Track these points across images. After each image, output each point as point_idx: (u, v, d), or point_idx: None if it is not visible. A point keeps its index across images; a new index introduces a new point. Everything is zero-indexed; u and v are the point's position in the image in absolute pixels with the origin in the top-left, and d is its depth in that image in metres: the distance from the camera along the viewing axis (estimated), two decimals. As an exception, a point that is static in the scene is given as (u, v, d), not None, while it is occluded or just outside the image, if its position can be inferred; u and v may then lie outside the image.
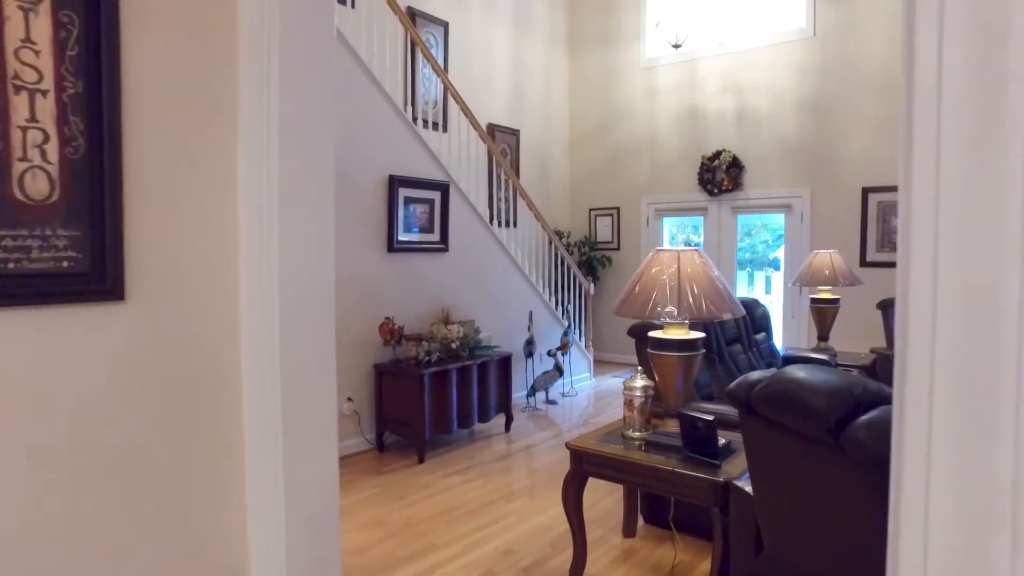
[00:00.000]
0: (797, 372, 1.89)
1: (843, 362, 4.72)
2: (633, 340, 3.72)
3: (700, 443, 2.51)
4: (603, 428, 3.08)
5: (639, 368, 2.94)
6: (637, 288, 2.66)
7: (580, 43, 8.69)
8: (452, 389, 4.65)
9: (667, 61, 7.85)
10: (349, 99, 4.47)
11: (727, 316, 2.56)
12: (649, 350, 2.75)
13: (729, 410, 3.10)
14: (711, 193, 7.49)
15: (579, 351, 6.98)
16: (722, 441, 2.54)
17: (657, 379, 2.78)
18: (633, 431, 2.85)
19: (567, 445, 2.83)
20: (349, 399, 4.58)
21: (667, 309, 2.52)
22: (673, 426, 2.75)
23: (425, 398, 4.42)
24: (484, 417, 5.00)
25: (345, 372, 4.54)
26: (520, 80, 7.96)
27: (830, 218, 6.73)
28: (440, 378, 4.55)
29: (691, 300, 2.53)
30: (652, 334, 2.74)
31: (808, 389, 1.80)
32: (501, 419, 5.32)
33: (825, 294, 5.07)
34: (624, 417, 2.95)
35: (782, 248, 7.42)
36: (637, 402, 2.86)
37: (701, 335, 2.69)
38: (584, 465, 2.77)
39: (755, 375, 2.11)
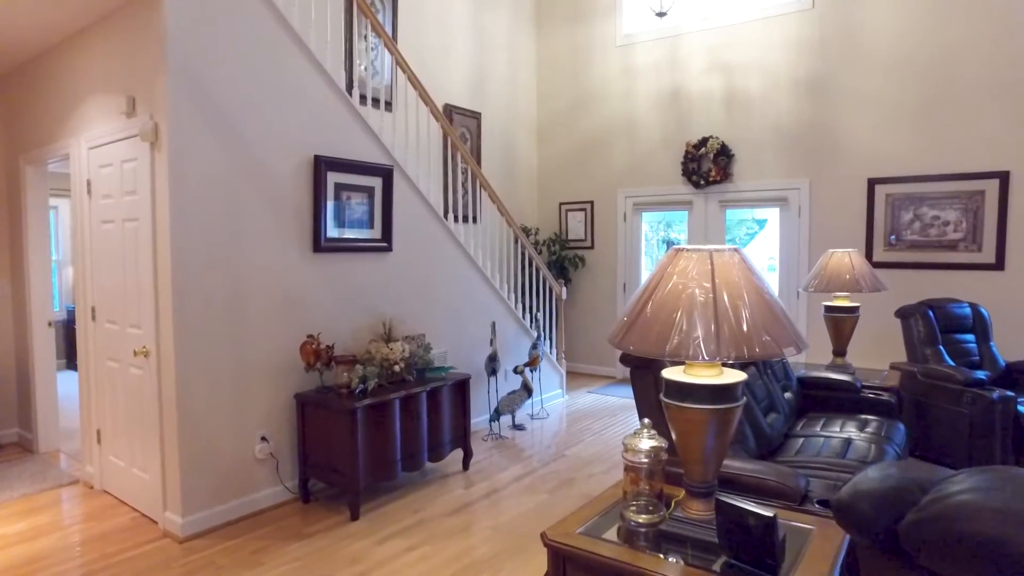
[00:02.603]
0: (977, 485, 1.02)
1: (863, 382, 3.93)
2: (628, 369, 2.82)
3: (751, 547, 1.64)
4: (592, 505, 2.19)
5: (646, 422, 2.05)
6: (649, 310, 1.77)
7: (549, 17, 7.80)
8: (394, 424, 3.71)
9: (646, 37, 7.02)
10: (258, 56, 3.49)
11: (790, 352, 1.68)
12: (663, 398, 1.87)
13: (762, 470, 2.24)
14: (697, 185, 6.68)
15: (550, 365, 6.10)
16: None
17: (675, 438, 1.90)
18: (638, 513, 1.97)
19: (544, 539, 1.93)
20: (263, 439, 3.60)
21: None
22: (699, 509, 1.88)
23: (359, 437, 3.47)
24: (436, 455, 4.06)
25: (258, 404, 3.57)
26: (481, 57, 7.03)
27: (831, 213, 5.97)
28: (379, 411, 3.61)
29: (735, 329, 1.65)
30: (668, 374, 1.86)
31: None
32: (458, 454, 4.40)
33: (842, 301, 4.28)
34: (624, 491, 2.06)
35: (754, 245, 6.66)
36: (643, 471, 1.99)
37: (741, 378, 1.82)
38: (569, 572, 1.87)
39: (875, 475, 1.24)
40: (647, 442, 1.97)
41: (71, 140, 3.95)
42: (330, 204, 3.90)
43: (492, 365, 4.99)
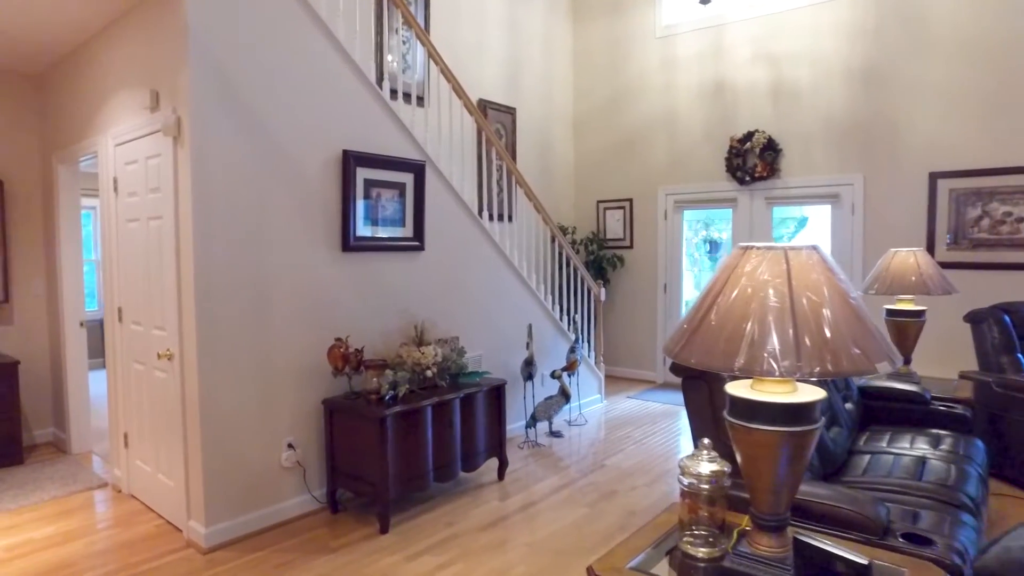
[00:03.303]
0: None
1: (933, 392, 3.61)
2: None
3: (835, 597, 1.40)
4: (643, 534, 1.96)
5: (705, 442, 1.82)
6: (713, 317, 1.54)
7: (585, 9, 7.56)
8: (426, 432, 3.53)
9: (688, 28, 6.73)
10: (284, 47, 3.35)
11: (883, 367, 1.44)
12: (727, 416, 1.63)
13: (835, 496, 1.98)
14: (741, 181, 6.37)
15: (588, 369, 5.86)
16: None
17: (740, 463, 1.66)
18: (696, 545, 1.74)
19: (589, 573, 1.71)
20: (290, 446, 3.46)
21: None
22: (769, 545, 1.64)
23: (389, 446, 3.30)
24: (470, 464, 3.88)
25: (285, 409, 3.42)
26: (516, 51, 6.83)
27: (888, 209, 5.61)
28: (410, 418, 3.44)
29: (817, 340, 1.41)
30: (732, 390, 1.63)
31: None
32: (493, 463, 4.21)
33: (906, 304, 3.95)
34: (680, 519, 1.83)
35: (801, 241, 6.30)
36: (704, 497, 1.76)
37: (819, 395, 1.58)
38: (620, 614, 1.66)
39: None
40: (707, 465, 1.74)
41: (99, 137, 3.88)
42: (359, 201, 3.74)
43: (528, 370, 4.78)
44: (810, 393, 1.58)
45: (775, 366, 1.41)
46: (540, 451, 4.71)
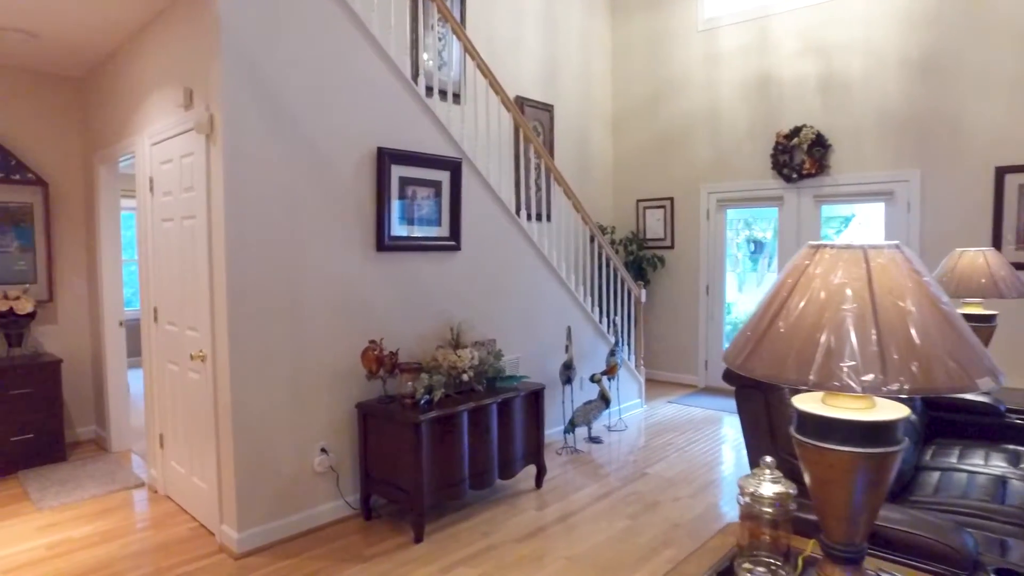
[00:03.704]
0: None
1: (1007, 404, 3.35)
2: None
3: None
4: (697, 559, 1.80)
5: (768, 460, 1.65)
6: (782, 324, 1.38)
7: (624, 4, 7.37)
8: (462, 438, 3.42)
9: (731, 20, 6.49)
10: (318, 42, 3.28)
11: (984, 383, 1.26)
12: (795, 434, 1.47)
13: (912, 522, 1.80)
14: (788, 179, 6.11)
15: (628, 372, 5.69)
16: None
17: (809, 485, 1.49)
18: (757, 574, 1.58)
19: (641, 604, 1.57)
20: (323, 450, 3.38)
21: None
22: (841, 577, 1.47)
23: (424, 453, 3.20)
24: (508, 472, 3.75)
25: (318, 413, 3.35)
26: (553, 47, 6.69)
27: (948, 207, 5.29)
28: (445, 424, 3.33)
29: (906, 352, 1.24)
30: (801, 404, 1.46)
31: None
32: (530, 470, 4.08)
33: (974, 308, 3.69)
34: (739, 544, 1.68)
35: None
36: (766, 521, 1.60)
37: (902, 413, 1.40)
38: (675, 650, 1.51)
39: None
40: (770, 487, 1.58)
41: (136, 137, 3.87)
42: (394, 199, 3.65)
43: (567, 373, 4.64)
44: (891, 410, 1.41)
45: (856, 381, 1.24)
46: (579, 457, 4.56)
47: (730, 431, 5.22)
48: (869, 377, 1.23)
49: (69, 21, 3.65)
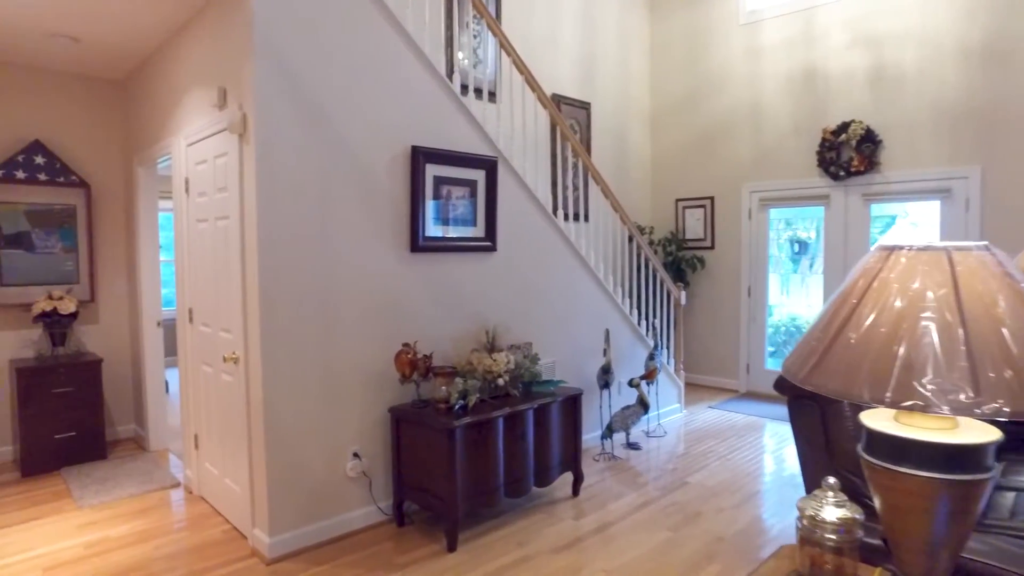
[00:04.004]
0: None
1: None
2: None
3: None
4: (754, 585, 1.67)
5: (831, 482, 1.51)
6: (852, 335, 1.24)
7: (664, -2, 7.20)
8: (497, 445, 3.32)
9: (775, 12, 6.27)
10: (351, 39, 3.22)
11: (1093, 406, 1.11)
12: (863, 454, 1.33)
13: (996, 555, 1.63)
14: (835, 176, 5.86)
15: (667, 377, 5.53)
16: None
17: (881, 512, 1.35)
18: (821, 605, 1.45)
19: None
20: (356, 455, 3.33)
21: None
22: (918, 615, 1.33)
23: (458, 459, 3.11)
24: (543, 479, 3.64)
25: (351, 417, 3.29)
26: (590, 44, 6.55)
27: (1013, 205, 5.00)
28: (480, 430, 3.24)
29: (1001, 367, 1.10)
30: (872, 422, 1.32)
31: None
32: (567, 478, 3.97)
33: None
34: (798, 570, 1.54)
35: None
36: (829, 547, 1.46)
37: (993, 436, 1.25)
38: None
39: None
40: (834, 511, 1.44)
41: (173, 139, 3.88)
42: (429, 199, 3.58)
43: (605, 378, 4.51)
44: (977, 430, 1.26)
45: (943, 401, 1.11)
46: (617, 464, 4.43)
47: (773, 439, 5.02)
48: (959, 396, 1.09)
49: (108, 24, 3.68)
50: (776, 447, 4.81)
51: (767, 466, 4.39)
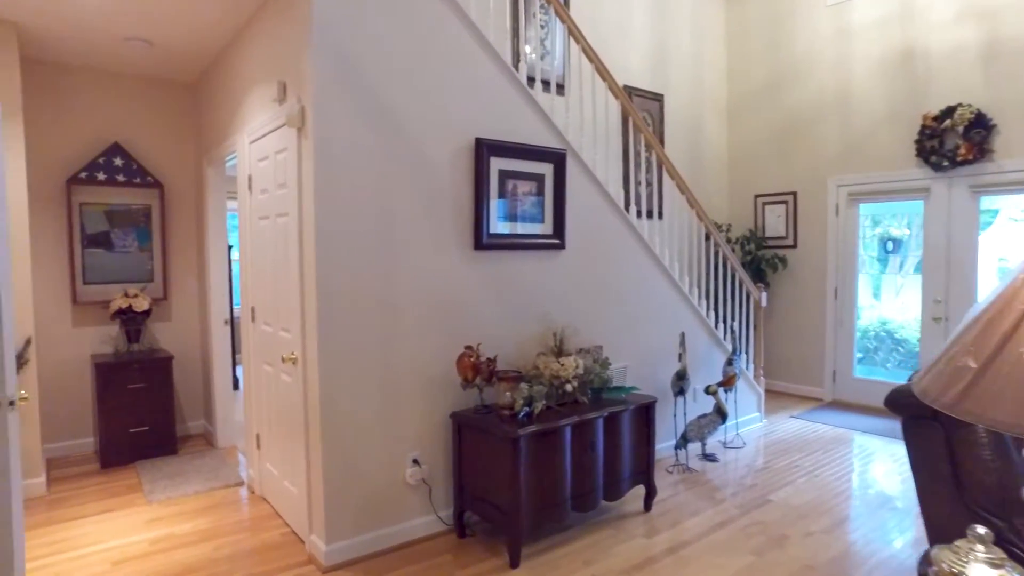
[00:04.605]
0: None
1: None
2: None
3: None
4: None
5: (980, 532, 1.23)
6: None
7: (744, -19, 6.79)
8: (565, 455, 3.11)
9: (869, -10, 5.78)
10: (412, 27, 3.08)
11: None
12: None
13: None
14: (937, 167, 5.34)
15: (746, 383, 5.17)
16: None
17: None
18: None
19: None
20: (415, 461, 3.19)
21: None
22: None
23: (521, 470, 2.92)
24: (613, 493, 3.41)
25: (411, 422, 3.16)
26: (663, 33, 6.24)
27: None
28: (547, 439, 3.04)
29: None
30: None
31: None
32: (639, 491, 3.72)
33: None
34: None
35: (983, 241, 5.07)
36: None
37: None
38: None
39: None
40: (987, 571, 1.16)
41: (237, 136, 3.87)
42: (493, 194, 3.41)
43: (680, 384, 4.22)
44: None
45: None
46: (692, 477, 4.13)
47: (865, 454, 4.59)
48: None
49: (176, 26, 3.69)
50: (869, 464, 4.39)
51: (860, 485, 3.99)
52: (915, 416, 1.83)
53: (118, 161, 4.72)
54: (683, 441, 4.30)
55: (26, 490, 3.84)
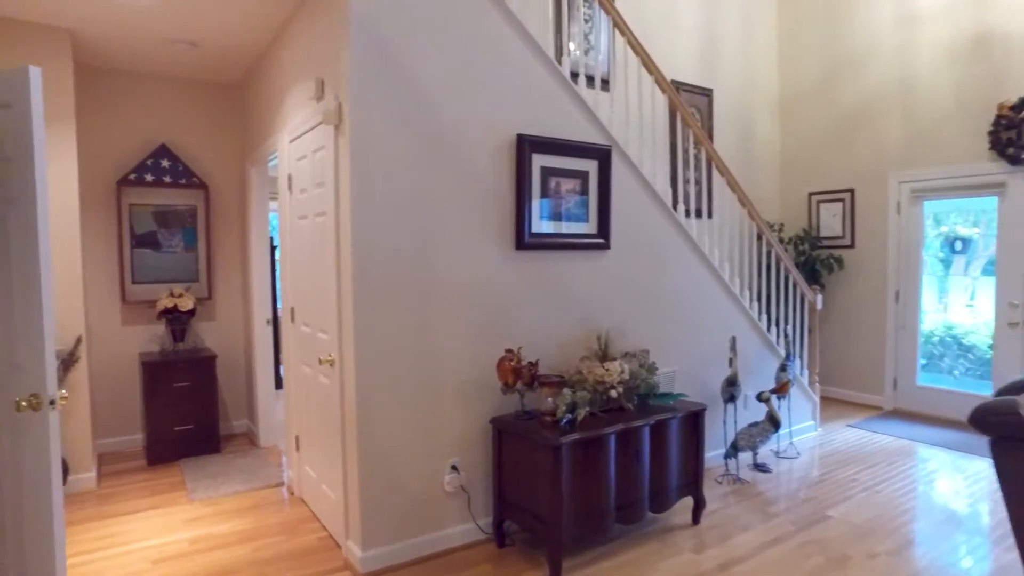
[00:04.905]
0: None
1: None
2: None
3: None
4: None
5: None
6: None
7: (798, -31, 6.50)
8: (609, 465, 2.97)
9: (936, -26, 5.45)
10: (451, 22, 2.99)
11: None
12: None
13: None
14: (1014, 160, 4.99)
15: (800, 390, 4.92)
16: None
17: None
18: None
19: None
20: (454, 468, 3.10)
21: None
22: None
23: (564, 480, 2.80)
24: (660, 504, 3.25)
25: (449, 427, 3.07)
26: (711, 25, 6.02)
27: None
28: (590, 447, 2.90)
29: None
30: None
31: None
32: (686, 502, 3.54)
33: None
34: None
35: None
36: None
37: None
38: None
39: None
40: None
41: (278, 136, 3.85)
42: (535, 192, 3.29)
43: (731, 390, 4.02)
44: None
45: None
46: (742, 488, 3.93)
47: (932, 468, 4.29)
48: None
49: (219, 26, 3.69)
50: (937, 479, 4.10)
51: (928, 503, 3.72)
52: (1007, 436, 1.63)
53: (165, 162, 4.79)
54: (733, 450, 4.10)
55: (77, 484, 3.91)
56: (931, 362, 5.75)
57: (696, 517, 3.42)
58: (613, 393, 3.11)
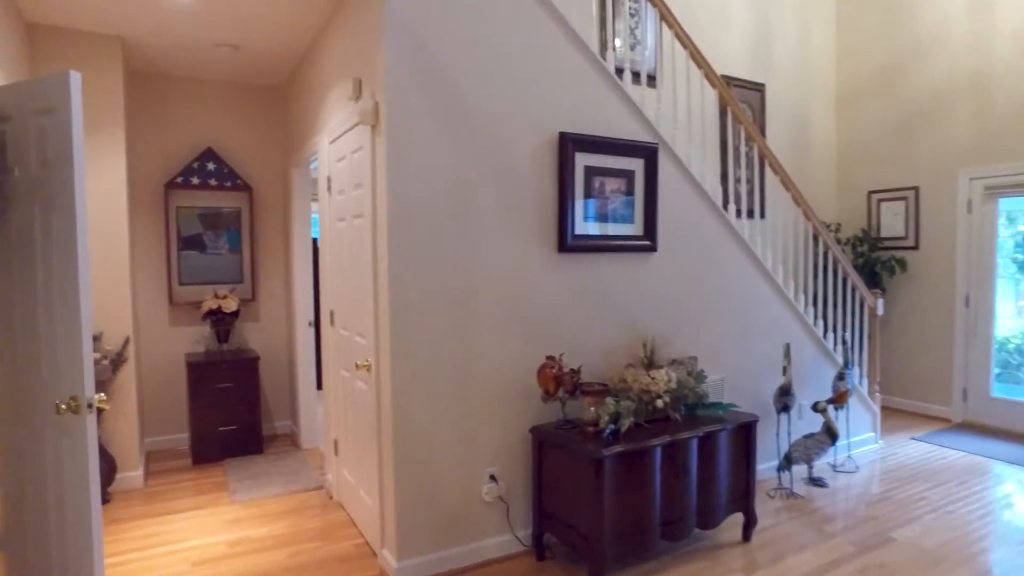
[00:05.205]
0: None
1: None
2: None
3: None
4: None
5: None
6: None
7: (858, -43, 6.19)
8: (654, 478, 2.82)
9: (1011, -44, 5.09)
10: (491, 14, 2.89)
11: None
12: None
13: None
14: (1098, 155, 4.60)
15: (859, 400, 4.65)
16: None
17: None
18: None
19: None
20: (492, 477, 3.00)
21: None
22: None
23: (606, 493, 2.67)
24: (708, 520, 3.08)
25: (488, 436, 2.98)
26: (764, 15, 5.77)
27: None
28: (634, 460, 2.76)
29: None
30: None
31: None
32: (736, 518, 3.36)
33: None
34: None
35: None
36: None
37: None
38: None
39: None
40: None
41: (318, 137, 3.83)
42: (578, 192, 3.17)
43: (784, 400, 3.82)
44: None
45: None
46: (796, 504, 3.72)
47: (1010, 488, 3.98)
48: None
49: (259, 29, 3.69)
50: (1016, 502, 3.80)
51: (1006, 528, 3.44)
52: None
53: (211, 166, 4.84)
54: (787, 463, 3.88)
55: (125, 482, 3.97)
56: (1006, 371, 5.37)
57: (747, 534, 3.24)
58: (659, 403, 2.96)
